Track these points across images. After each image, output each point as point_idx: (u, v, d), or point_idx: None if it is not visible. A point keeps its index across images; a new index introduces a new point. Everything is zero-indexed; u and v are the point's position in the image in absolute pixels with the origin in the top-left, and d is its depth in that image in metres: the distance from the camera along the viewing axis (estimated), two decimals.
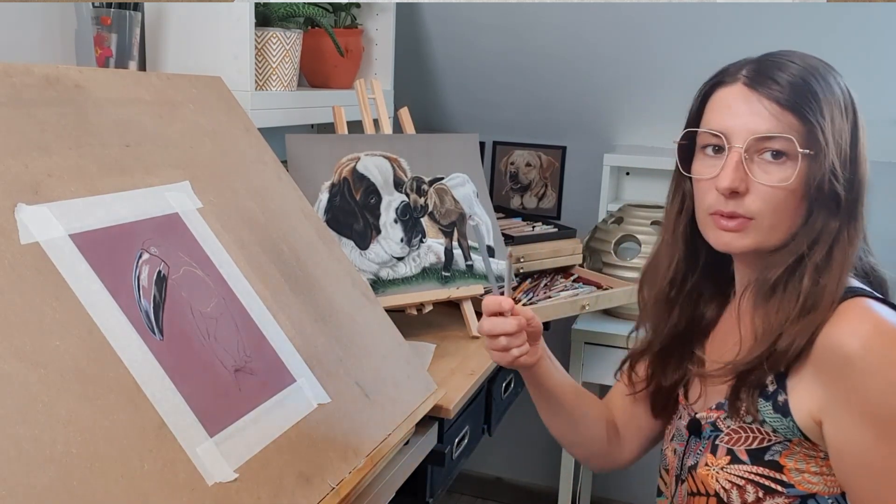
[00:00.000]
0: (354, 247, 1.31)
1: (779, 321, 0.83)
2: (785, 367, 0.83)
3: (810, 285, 0.83)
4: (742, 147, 0.83)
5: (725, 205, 0.84)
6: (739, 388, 0.86)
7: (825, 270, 0.83)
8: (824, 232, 0.84)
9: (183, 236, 0.83)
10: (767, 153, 0.83)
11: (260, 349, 0.83)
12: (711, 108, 0.88)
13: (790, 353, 0.82)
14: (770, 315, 0.85)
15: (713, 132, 0.86)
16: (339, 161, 1.35)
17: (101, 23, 1.27)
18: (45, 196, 0.72)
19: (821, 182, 0.82)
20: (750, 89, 0.84)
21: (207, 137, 0.99)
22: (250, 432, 0.75)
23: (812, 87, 0.83)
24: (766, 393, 0.85)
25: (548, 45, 2.06)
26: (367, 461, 0.86)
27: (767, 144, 0.83)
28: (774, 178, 0.82)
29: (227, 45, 1.36)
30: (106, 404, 0.64)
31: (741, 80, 0.85)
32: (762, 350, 0.83)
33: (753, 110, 0.83)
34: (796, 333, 0.81)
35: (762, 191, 0.83)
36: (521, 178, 2.26)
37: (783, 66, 0.84)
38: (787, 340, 0.82)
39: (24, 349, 0.62)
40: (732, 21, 1.88)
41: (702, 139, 0.88)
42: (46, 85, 0.81)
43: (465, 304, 1.43)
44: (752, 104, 0.83)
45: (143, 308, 0.73)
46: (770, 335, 0.83)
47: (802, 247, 0.84)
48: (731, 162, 0.83)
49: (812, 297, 0.82)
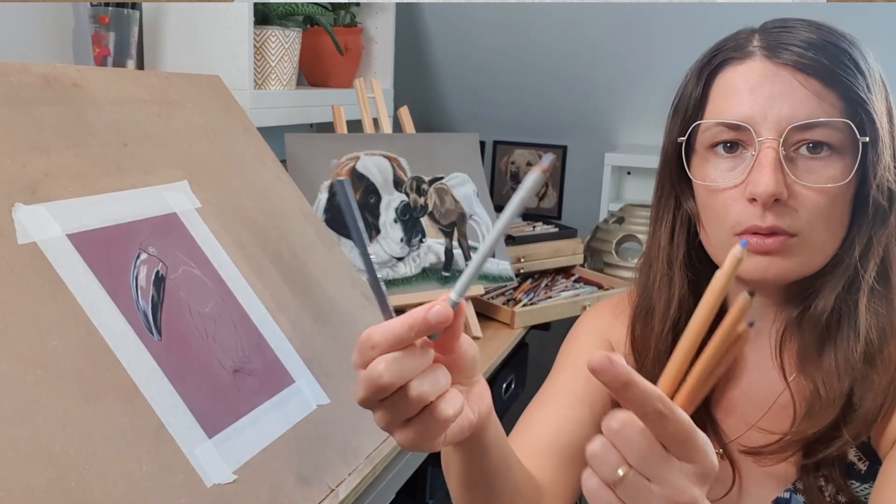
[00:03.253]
0: (354, 247, 1.31)
1: (844, 367, 0.64)
2: (871, 432, 0.64)
3: (871, 316, 0.64)
4: (778, 139, 0.63)
5: (763, 218, 0.63)
6: (816, 472, 0.65)
7: (887, 292, 0.65)
8: (875, 243, 0.65)
9: (181, 236, 0.83)
10: (804, 146, 0.63)
11: (259, 350, 0.83)
12: (722, 94, 0.67)
13: (879, 414, 0.63)
14: (827, 361, 0.65)
15: (734, 123, 0.65)
16: (339, 160, 1.35)
17: (99, 21, 1.27)
18: (42, 196, 0.71)
19: (882, 178, 0.64)
20: (775, 63, 0.64)
21: (206, 137, 0.98)
22: (249, 433, 0.75)
23: (851, 55, 0.64)
24: (856, 472, 0.65)
25: (548, 43, 2.06)
26: (366, 462, 0.86)
27: (808, 133, 0.63)
28: (821, 177, 0.63)
29: (226, 43, 1.35)
30: (104, 405, 0.64)
31: (759, 53, 0.66)
32: (835, 411, 0.64)
33: (785, 89, 0.63)
34: (881, 389, 0.63)
35: (807, 197, 0.63)
36: (522, 177, 2.26)
37: (801, 29, 0.65)
38: (872, 400, 0.63)
39: (22, 350, 0.61)
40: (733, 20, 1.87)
41: (711, 135, 0.67)
42: (44, 84, 0.80)
43: (465, 304, 1.43)
44: (782, 82, 0.63)
45: (142, 308, 0.73)
46: (838, 388, 0.64)
47: (851, 265, 0.65)
48: (766, 160, 0.62)
49: (878, 329, 0.64)
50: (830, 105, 0.63)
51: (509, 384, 1.54)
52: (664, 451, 0.45)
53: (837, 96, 0.63)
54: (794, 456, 0.67)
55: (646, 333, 0.75)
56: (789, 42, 0.65)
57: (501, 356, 1.39)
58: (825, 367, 0.65)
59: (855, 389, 0.64)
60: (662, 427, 0.44)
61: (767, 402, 0.70)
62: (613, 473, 0.45)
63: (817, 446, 0.65)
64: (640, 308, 0.76)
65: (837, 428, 0.64)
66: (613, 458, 0.45)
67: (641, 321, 0.76)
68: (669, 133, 0.72)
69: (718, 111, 0.67)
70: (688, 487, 0.45)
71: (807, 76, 0.63)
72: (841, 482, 0.65)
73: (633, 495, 0.45)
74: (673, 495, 0.45)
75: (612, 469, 0.45)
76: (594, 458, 0.46)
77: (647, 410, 0.44)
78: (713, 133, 0.67)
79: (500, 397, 1.50)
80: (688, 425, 0.45)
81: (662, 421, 0.44)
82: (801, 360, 0.68)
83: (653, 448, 0.45)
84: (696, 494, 0.45)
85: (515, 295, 1.61)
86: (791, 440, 0.65)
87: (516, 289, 1.65)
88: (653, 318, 0.74)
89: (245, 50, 1.35)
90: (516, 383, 1.57)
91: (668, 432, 0.44)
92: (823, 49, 0.64)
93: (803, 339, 0.68)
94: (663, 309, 0.73)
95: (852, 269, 0.65)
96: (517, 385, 1.58)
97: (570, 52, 2.05)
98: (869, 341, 0.64)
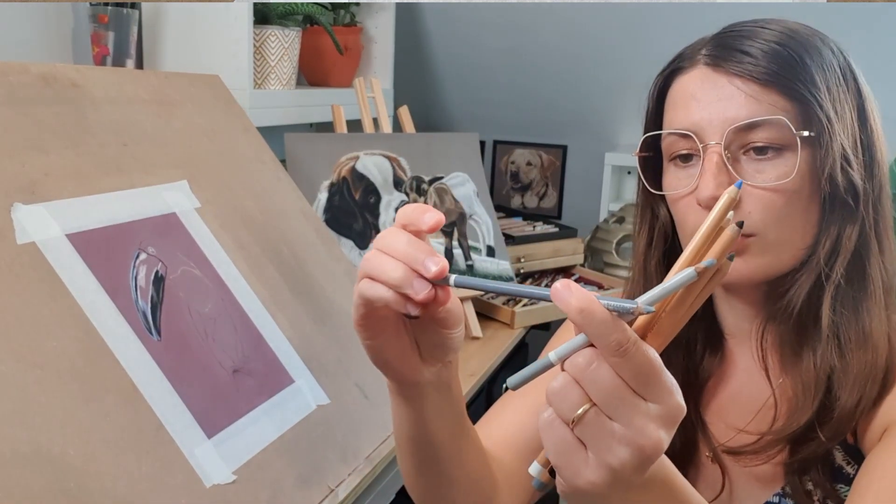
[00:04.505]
0: (354, 246, 1.31)
1: (819, 365, 0.64)
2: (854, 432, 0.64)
3: (838, 313, 0.64)
4: (720, 143, 0.63)
5: None
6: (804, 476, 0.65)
7: (855, 292, 0.64)
8: (843, 238, 0.64)
9: (181, 236, 0.83)
10: (751, 149, 0.64)
11: (258, 350, 0.83)
12: (672, 104, 0.69)
13: (857, 411, 0.63)
14: (805, 360, 0.65)
15: (680, 132, 0.66)
16: (339, 160, 1.35)
17: (99, 21, 1.26)
18: (41, 196, 0.71)
19: (832, 171, 0.63)
20: (714, 69, 0.65)
21: (205, 136, 0.98)
22: (249, 433, 0.75)
23: (796, 53, 0.64)
24: (844, 476, 0.65)
25: (548, 43, 2.06)
26: (366, 462, 0.86)
27: (751, 136, 0.63)
28: (770, 176, 0.63)
29: (226, 43, 1.35)
30: (103, 405, 0.64)
31: (701, 62, 0.66)
32: (811, 410, 0.64)
33: (724, 94, 0.64)
34: (856, 386, 0.62)
35: (758, 196, 0.63)
36: (522, 177, 2.25)
37: (753, 34, 0.66)
38: (847, 398, 0.62)
39: (21, 350, 0.61)
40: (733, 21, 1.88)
41: (668, 145, 0.69)
42: (43, 84, 0.80)
43: (465, 304, 1.43)
44: (721, 87, 0.64)
45: (141, 308, 0.73)
46: (813, 387, 0.64)
47: (817, 262, 0.64)
48: (710, 165, 0.63)
49: (852, 326, 0.63)
50: (770, 105, 0.63)
51: None
52: (630, 390, 0.43)
53: (778, 95, 0.63)
54: (779, 458, 0.66)
55: None
56: (735, 47, 0.65)
57: (501, 356, 1.39)
58: (803, 365, 0.65)
59: (831, 387, 0.64)
60: (627, 361, 0.42)
61: (756, 404, 0.70)
62: (572, 411, 0.43)
63: (797, 446, 0.65)
64: None
65: (814, 427, 0.63)
66: (575, 394, 0.44)
67: None
68: (639, 146, 0.74)
69: (670, 122, 0.69)
70: (653, 430, 0.43)
71: (743, 80, 0.64)
72: (828, 487, 0.65)
73: (593, 435, 0.43)
74: (635, 437, 0.43)
75: (573, 407, 0.44)
76: (554, 395, 0.44)
77: (610, 342, 0.42)
78: (669, 143, 0.69)
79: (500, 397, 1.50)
80: (654, 362, 0.43)
81: (626, 355, 0.42)
82: (782, 361, 0.68)
83: (619, 386, 0.43)
84: (661, 437, 0.43)
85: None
86: (771, 440, 0.65)
87: None
88: None
89: (245, 50, 1.35)
90: None
91: (632, 367, 0.42)
92: (767, 52, 0.64)
93: (781, 340, 0.68)
94: None
95: (820, 266, 0.64)
96: None
97: (570, 52, 2.05)
98: (842, 339, 0.63)
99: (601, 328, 0.42)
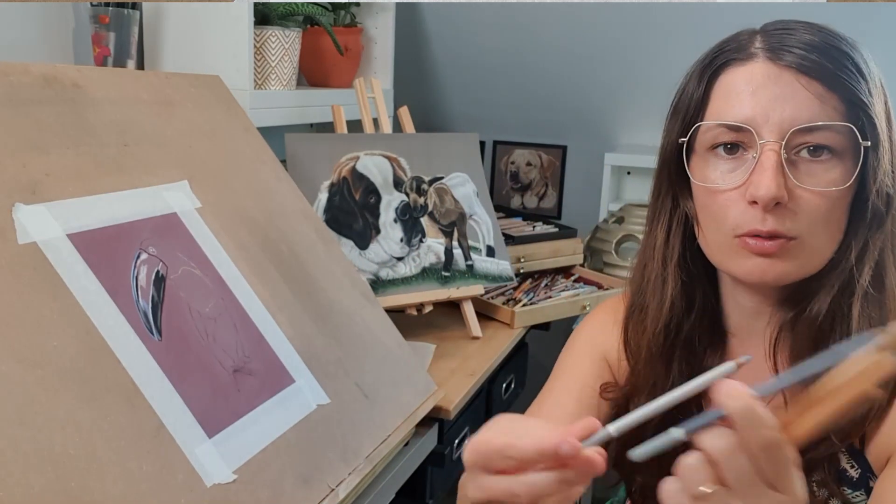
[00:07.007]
0: (354, 246, 1.31)
1: None
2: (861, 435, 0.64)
3: (864, 320, 0.64)
4: (780, 142, 0.62)
5: (763, 221, 0.63)
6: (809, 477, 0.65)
7: (881, 296, 0.65)
8: (871, 247, 0.65)
9: (181, 236, 0.83)
10: (805, 149, 0.63)
11: (259, 349, 0.83)
12: (723, 95, 0.67)
13: (868, 418, 0.63)
14: None
15: (735, 125, 0.64)
16: (339, 160, 1.35)
17: (100, 21, 1.27)
18: (42, 196, 0.71)
19: (880, 184, 0.63)
20: (777, 65, 0.64)
21: (206, 137, 0.98)
22: (249, 433, 0.75)
23: (853, 58, 0.64)
24: (848, 478, 0.65)
25: (548, 43, 2.06)
26: (366, 462, 0.86)
27: (809, 137, 0.63)
28: (821, 180, 0.63)
29: (226, 43, 1.35)
30: (104, 405, 0.64)
31: (761, 55, 0.65)
32: None
33: (787, 92, 0.63)
34: None
35: (807, 200, 0.63)
36: (522, 177, 2.26)
37: (802, 32, 0.65)
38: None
39: (22, 350, 0.61)
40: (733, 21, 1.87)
41: (710, 136, 0.67)
42: (44, 84, 0.80)
43: (465, 304, 1.43)
44: (785, 85, 0.63)
45: (142, 308, 0.73)
46: None
47: (847, 269, 0.65)
48: (768, 163, 0.62)
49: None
50: (832, 108, 0.63)
51: (509, 384, 1.54)
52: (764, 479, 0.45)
53: (839, 100, 0.63)
54: None
55: (638, 333, 0.75)
56: (791, 44, 0.64)
57: (501, 356, 1.39)
58: None
59: None
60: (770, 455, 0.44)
61: None
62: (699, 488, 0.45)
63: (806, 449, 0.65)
64: (634, 307, 0.77)
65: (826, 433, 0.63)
66: (706, 473, 0.45)
67: (634, 320, 0.76)
68: (668, 133, 0.72)
69: (720, 112, 0.67)
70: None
71: (809, 79, 0.63)
72: (834, 487, 0.65)
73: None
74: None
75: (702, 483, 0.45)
76: (687, 470, 0.46)
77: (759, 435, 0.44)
78: (714, 134, 0.67)
79: (500, 397, 1.50)
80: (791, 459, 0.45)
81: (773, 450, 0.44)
82: (793, 362, 0.67)
83: (754, 475, 0.45)
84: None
85: (515, 295, 1.61)
86: None
87: (516, 288, 1.65)
88: (645, 317, 0.74)
89: (245, 50, 1.35)
90: (516, 383, 1.57)
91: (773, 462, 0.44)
92: (826, 52, 0.64)
93: (797, 341, 0.68)
94: (656, 309, 0.73)
95: (848, 272, 0.65)
96: (517, 385, 1.58)
97: (570, 52, 2.05)
98: None
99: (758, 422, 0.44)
